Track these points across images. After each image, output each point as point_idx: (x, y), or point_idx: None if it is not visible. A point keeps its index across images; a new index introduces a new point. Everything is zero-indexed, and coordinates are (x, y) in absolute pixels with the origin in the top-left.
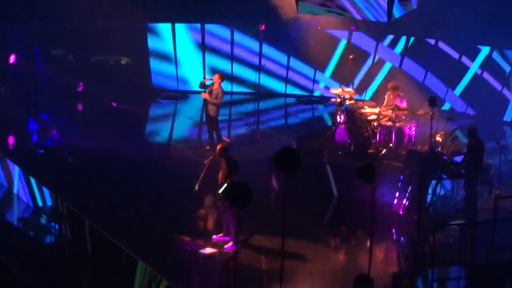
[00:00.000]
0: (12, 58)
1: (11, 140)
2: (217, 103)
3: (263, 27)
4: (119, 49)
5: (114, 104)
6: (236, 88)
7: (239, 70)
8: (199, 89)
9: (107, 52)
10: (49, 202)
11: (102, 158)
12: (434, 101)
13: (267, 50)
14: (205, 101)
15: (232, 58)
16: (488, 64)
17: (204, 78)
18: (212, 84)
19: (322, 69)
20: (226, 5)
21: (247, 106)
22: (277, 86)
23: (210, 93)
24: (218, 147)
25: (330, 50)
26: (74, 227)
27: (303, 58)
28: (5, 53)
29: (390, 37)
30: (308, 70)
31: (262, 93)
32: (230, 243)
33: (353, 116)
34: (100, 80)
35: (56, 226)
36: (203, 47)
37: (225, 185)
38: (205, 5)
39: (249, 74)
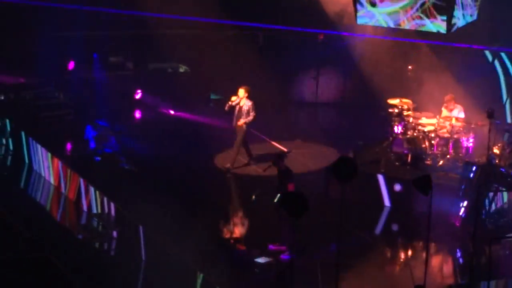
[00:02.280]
0: (71, 65)
1: (68, 146)
2: (252, 119)
3: (321, 37)
4: (177, 57)
5: (172, 112)
6: None
7: None
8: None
9: (166, 60)
10: (105, 209)
11: (159, 166)
12: (492, 113)
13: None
14: (235, 116)
15: None
16: None
17: (230, 101)
18: (238, 101)
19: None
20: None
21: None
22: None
23: (239, 111)
24: (275, 156)
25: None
26: (128, 233)
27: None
28: (64, 59)
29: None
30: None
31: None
32: (286, 253)
33: (411, 127)
34: (158, 88)
35: (111, 232)
36: None
37: (280, 194)
38: None
39: None
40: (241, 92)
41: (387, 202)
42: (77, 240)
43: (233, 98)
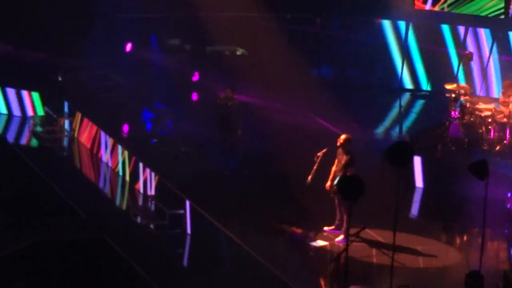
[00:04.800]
0: (128, 47)
1: (125, 128)
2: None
3: (378, 21)
4: (234, 40)
5: None
6: None
7: None
8: None
9: (223, 42)
10: (158, 190)
11: (216, 149)
12: None
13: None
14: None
15: None
16: None
17: (218, 99)
18: (226, 101)
19: None
20: None
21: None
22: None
23: (230, 106)
24: (343, 137)
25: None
26: (180, 214)
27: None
28: (122, 41)
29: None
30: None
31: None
32: (341, 236)
33: (468, 112)
34: (215, 70)
35: (165, 213)
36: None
37: (339, 177)
38: None
39: None
40: (230, 92)
41: (419, 183)
42: (132, 222)
43: (222, 96)
